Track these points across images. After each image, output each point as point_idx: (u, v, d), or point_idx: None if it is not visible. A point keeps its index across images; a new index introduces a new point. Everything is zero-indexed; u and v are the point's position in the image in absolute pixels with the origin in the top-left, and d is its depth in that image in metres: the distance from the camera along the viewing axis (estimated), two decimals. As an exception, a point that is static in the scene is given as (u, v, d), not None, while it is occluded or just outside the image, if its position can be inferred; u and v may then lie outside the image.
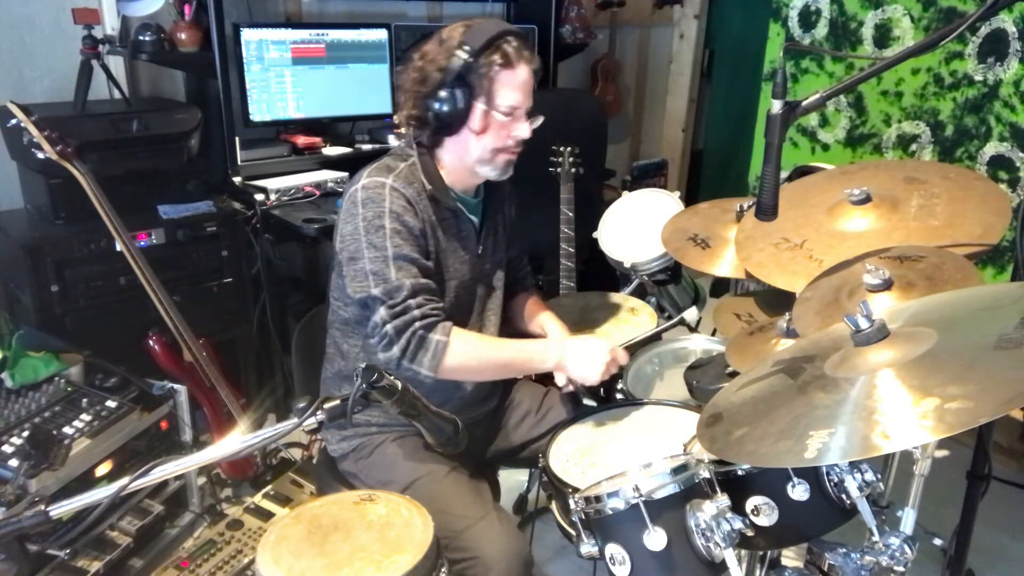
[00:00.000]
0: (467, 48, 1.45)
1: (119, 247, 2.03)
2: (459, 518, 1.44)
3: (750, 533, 1.12)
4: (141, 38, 2.49)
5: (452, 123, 1.50)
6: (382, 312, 1.44)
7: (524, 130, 1.54)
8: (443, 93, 1.47)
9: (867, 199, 1.56)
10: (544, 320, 1.80)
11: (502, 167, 1.57)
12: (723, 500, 1.10)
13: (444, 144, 1.56)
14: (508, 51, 1.47)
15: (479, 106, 1.49)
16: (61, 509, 1.00)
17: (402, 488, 1.50)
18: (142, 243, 2.34)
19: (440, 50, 1.48)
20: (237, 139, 2.67)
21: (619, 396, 1.84)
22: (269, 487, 2.15)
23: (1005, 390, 0.86)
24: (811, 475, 1.16)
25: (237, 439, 1.09)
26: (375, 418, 1.61)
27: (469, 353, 1.50)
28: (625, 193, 2.60)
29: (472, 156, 1.54)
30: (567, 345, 1.61)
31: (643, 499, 1.10)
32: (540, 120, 1.57)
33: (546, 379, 1.95)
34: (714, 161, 4.57)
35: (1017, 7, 2.35)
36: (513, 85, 1.49)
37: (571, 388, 1.67)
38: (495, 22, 1.53)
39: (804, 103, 1.26)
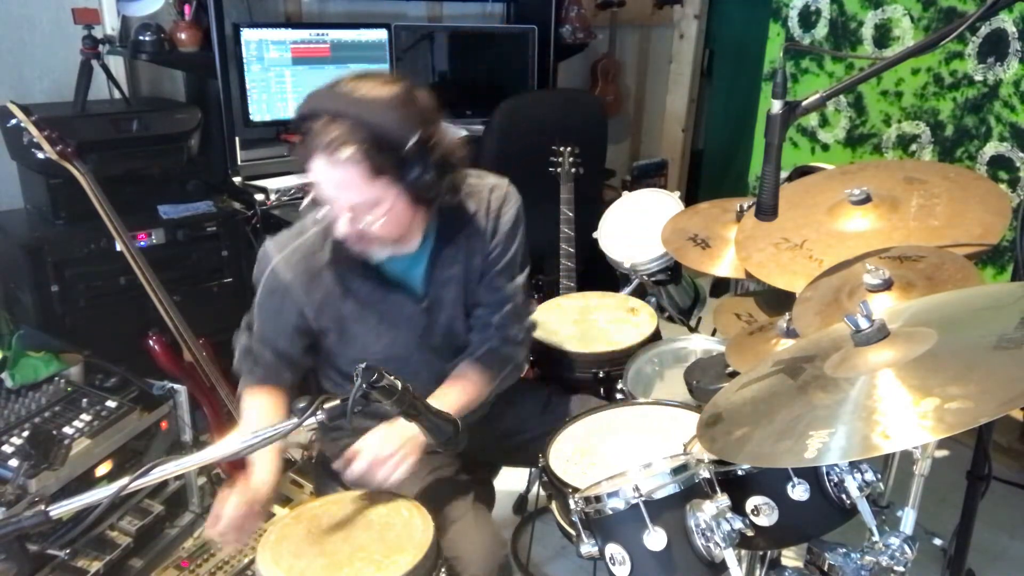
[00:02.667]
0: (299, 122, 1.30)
1: (119, 247, 2.03)
2: (437, 518, 1.43)
3: (750, 533, 1.11)
4: (141, 38, 2.49)
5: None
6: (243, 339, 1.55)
7: (341, 226, 1.33)
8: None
9: (867, 199, 1.56)
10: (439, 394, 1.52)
11: (371, 252, 1.41)
12: (723, 500, 1.10)
13: None
14: (307, 139, 1.28)
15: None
16: (61, 509, 1.00)
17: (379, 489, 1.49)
18: (142, 243, 2.34)
19: None
20: (237, 139, 2.68)
21: (619, 396, 1.84)
22: (269, 487, 2.14)
23: (1005, 390, 0.86)
24: (811, 475, 1.16)
25: (237, 439, 1.09)
26: (358, 423, 1.59)
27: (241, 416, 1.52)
28: (625, 193, 2.60)
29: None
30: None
31: (643, 499, 1.10)
32: (361, 222, 1.32)
33: (547, 378, 1.96)
34: (714, 161, 4.57)
35: (1017, 7, 2.35)
36: (319, 176, 1.30)
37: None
38: (316, 92, 1.32)
39: (804, 103, 1.26)
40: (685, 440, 1.34)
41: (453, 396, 1.49)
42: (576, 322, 2.06)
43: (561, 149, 2.54)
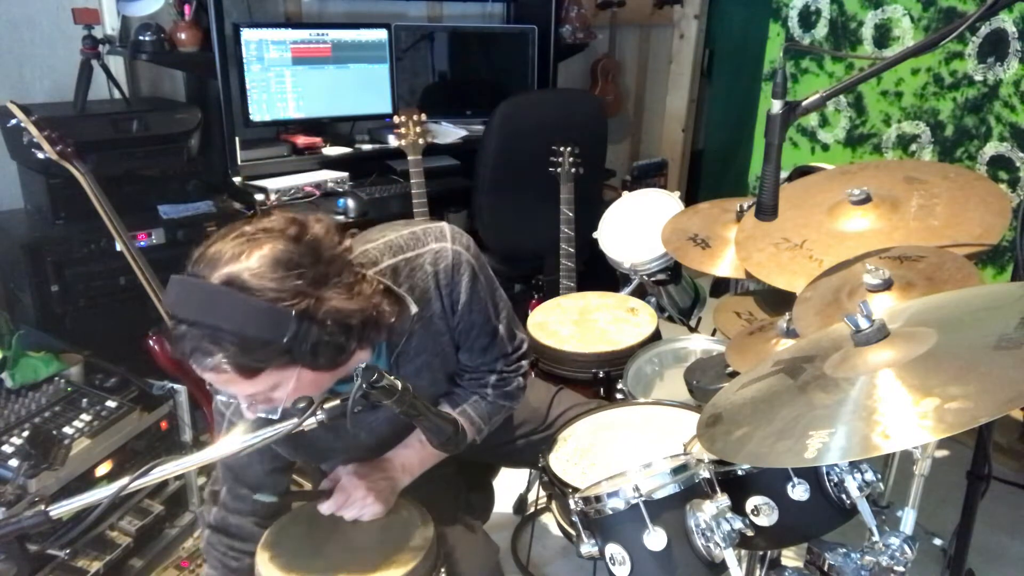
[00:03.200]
0: None
1: (119, 247, 2.03)
2: None
3: (750, 533, 1.11)
4: (141, 38, 2.49)
5: None
6: None
7: (245, 411, 1.16)
8: None
9: (867, 199, 1.56)
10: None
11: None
12: (723, 500, 1.10)
13: None
14: (174, 341, 1.09)
15: None
16: (61, 509, 1.00)
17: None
18: (142, 243, 2.33)
19: None
20: (237, 139, 2.68)
21: (619, 396, 1.84)
22: (269, 487, 2.15)
23: (1005, 390, 0.86)
24: (811, 475, 1.16)
25: (237, 439, 1.09)
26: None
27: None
28: (625, 193, 2.60)
29: None
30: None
31: (643, 499, 1.10)
32: (259, 413, 1.15)
33: (548, 378, 1.96)
34: (714, 161, 4.57)
35: (1017, 7, 2.35)
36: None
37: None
38: (175, 288, 1.12)
39: (804, 103, 1.26)
40: (685, 440, 1.34)
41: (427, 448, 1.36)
42: (576, 322, 2.06)
43: (561, 149, 2.54)
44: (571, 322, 2.06)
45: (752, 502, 1.16)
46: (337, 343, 1.09)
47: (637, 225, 2.42)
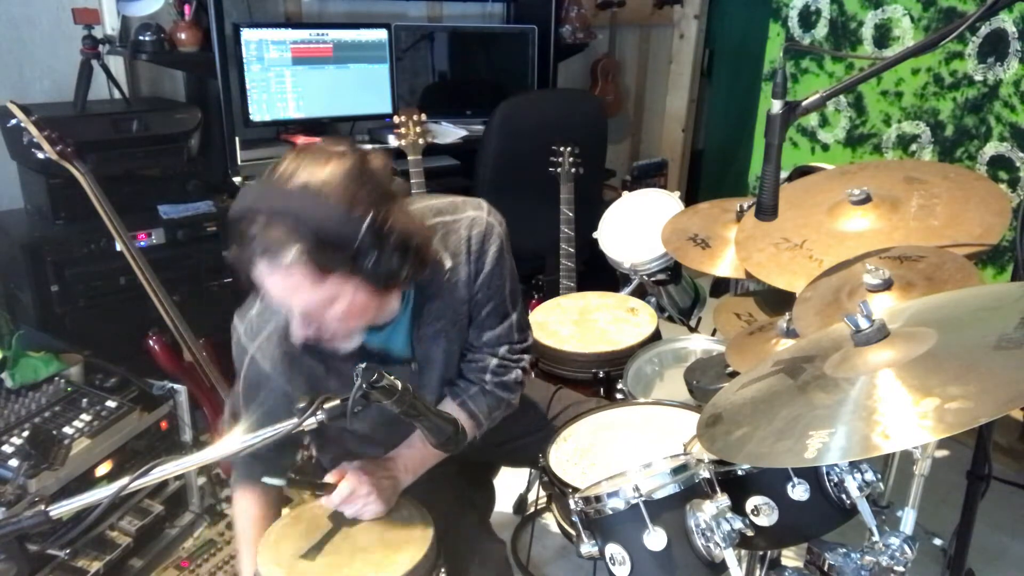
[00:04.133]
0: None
1: (119, 247, 2.03)
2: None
3: (750, 533, 1.11)
4: (141, 38, 2.49)
5: None
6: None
7: (295, 329, 1.23)
8: None
9: (867, 199, 1.56)
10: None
11: (337, 345, 1.29)
12: (723, 500, 1.10)
13: None
14: (245, 243, 1.13)
15: None
16: (61, 509, 1.00)
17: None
18: (142, 243, 2.34)
19: None
20: (237, 139, 2.68)
21: (619, 396, 1.84)
22: (269, 487, 2.15)
23: (1005, 390, 0.86)
24: (811, 475, 1.16)
25: (237, 439, 1.09)
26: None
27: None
28: (625, 193, 2.60)
29: None
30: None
31: (643, 499, 1.10)
32: (313, 327, 1.22)
33: (548, 378, 1.96)
34: (714, 161, 4.57)
35: (1017, 7, 2.35)
36: (263, 283, 1.17)
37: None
38: (253, 190, 1.18)
39: (804, 103, 1.26)
40: (685, 440, 1.34)
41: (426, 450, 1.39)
42: (576, 322, 2.06)
43: (561, 149, 2.54)
44: (571, 322, 2.06)
45: (752, 502, 1.16)
46: (394, 263, 1.16)
47: (637, 225, 2.42)
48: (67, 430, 1.82)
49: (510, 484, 2.28)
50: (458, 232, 1.36)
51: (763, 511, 1.15)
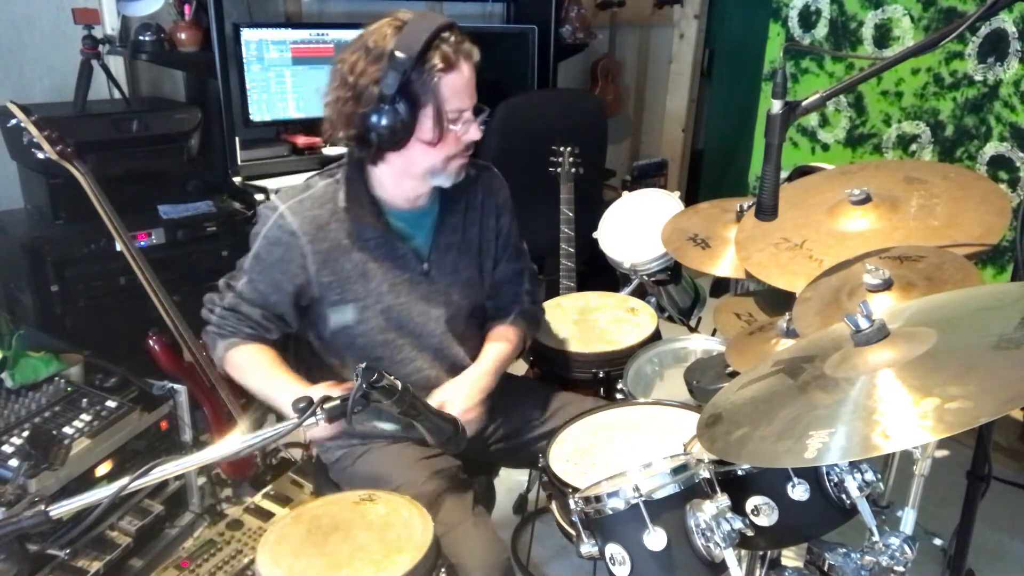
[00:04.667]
0: (404, 56, 1.34)
1: (119, 247, 2.03)
2: (437, 524, 1.43)
3: (750, 533, 1.11)
4: (141, 38, 2.49)
5: (398, 138, 1.40)
6: (215, 298, 1.54)
7: (474, 132, 1.45)
8: (384, 109, 1.36)
9: (867, 199, 1.56)
10: (486, 351, 1.65)
11: (455, 173, 1.49)
12: (723, 500, 1.10)
13: (386, 158, 1.45)
14: (447, 51, 1.37)
15: (427, 116, 1.39)
16: (61, 509, 1.00)
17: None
18: (142, 243, 2.34)
19: (370, 61, 1.38)
20: (237, 139, 2.68)
21: (619, 396, 1.84)
22: (269, 487, 2.15)
23: (1005, 390, 0.86)
24: (811, 475, 1.16)
25: (237, 439, 1.09)
26: (358, 429, 1.60)
27: (237, 372, 1.53)
28: (625, 193, 2.60)
29: (421, 167, 1.45)
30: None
31: (643, 499, 1.10)
32: (486, 112, 1.47)
33: (548, 378, 1.96)
34: (714, 161, 4.57)
35: (1017, 7, 2.35)
36: (459, 87, 1.39)
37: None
38: (425, 17, 1.41)
39: (804, 103, 1.26)
40: (685, 440, 1.34)
41: (502, 351, 1.64)
42: (576, 322, 2.06)
43: (561, 149, 2.54)
44: (571, 322, 2.06)
45: (752, 502, 1.16)
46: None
47: (637, 225, 2.42)
48: (67, 430, 1.82)
49: (510, 484, 2.28)
50: (490, 168, 1.66)
51: (763, 511, 1.15)
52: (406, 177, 1.48)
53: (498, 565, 1.42)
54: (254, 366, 1.52)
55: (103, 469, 1.85)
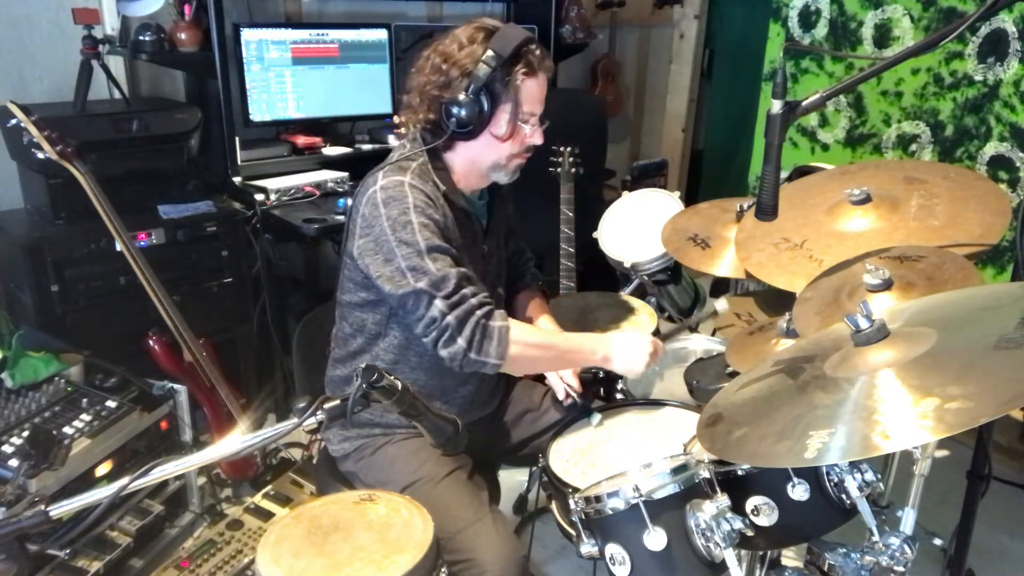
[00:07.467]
0: (495, 55, 1.45)
1: (119, 247, 2.03)
2: (455, 520, 1.44)
3: (750, 533, 1.12)
4: (141, 38, 2.49)
5: (473, 128, 1.50)
6: (439, 305, 1.41)
7: (538, 136, 1.58)
8: (468, 98, 1.47)
9: (867, 199, 1.56)
10: (542, 324, 1.80)
11: (513, 171, 1.60)
12: (723, 500, 1.10)
13: (455, 147, 1.55)
14: (532, 60, 1.50)
15: (504, 113, 1.50)
16: (61, 509, 1.00)
17: (400, 489, 1.51)
18: (142, 243, 2.33)
19: (464, 54, 1.47)
20: (237, 139, 2.67)
21: (619, 396, 1.84)
22: (269, 487, 2.15)
23: (1005, 390, 0.86)
24: (811, 475, 1.16)
25: (237, 439, 1.09)
26: (379, 418, 1.61)
27: (528, 341, 1.50)
28: (625, 193, 2.60)
29: (488, 160, 1.56)
30: (613, 339, 1.60)
31: (643, 499, 1.10)
32: (546, 125, 1.60)
33: (543, 377, 1.96)
34: (714, 161, 4.57)
35: (1017, 7, 2.35)
36: (535, 93, 1.52)
37: (570, 400, 1.70)
38: (514, 27, 1.53)
39: (804, 103, 1.26)
40: (685, 440, 1.34)
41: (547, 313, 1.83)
42: (576, 322, 2.06)
43: (561, 149, 2.53)
44: (571, 322, 2.06)
45: (752, 502, 1.16)
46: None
47: (637, 225, 2.42)
48: (67, 430, 1.82)
49: (510, 484, 2.28)
50: None
51: (763, 511, 1.15)
52: (473, 168, 1.58)
53: (515, 562, 1.42)
54: (541, 330, 1.71)
55: (103, 469, 1.85)
